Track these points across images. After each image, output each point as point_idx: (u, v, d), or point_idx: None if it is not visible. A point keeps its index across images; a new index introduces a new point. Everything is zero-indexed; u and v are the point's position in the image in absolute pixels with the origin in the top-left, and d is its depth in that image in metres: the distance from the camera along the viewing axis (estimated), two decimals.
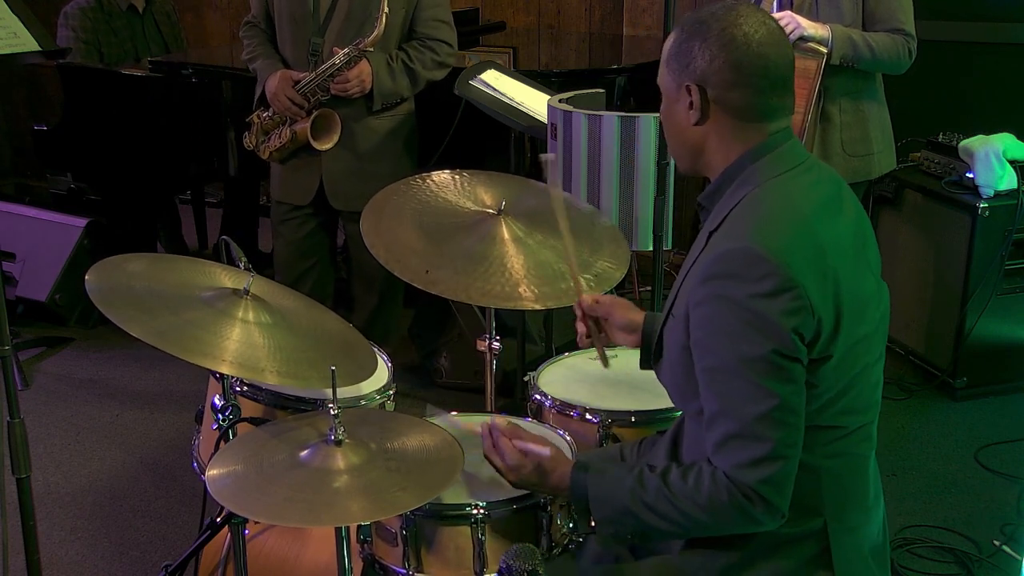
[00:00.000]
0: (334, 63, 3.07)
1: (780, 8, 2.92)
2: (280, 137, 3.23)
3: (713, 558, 1.62)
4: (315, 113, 3.16)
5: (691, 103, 1.59)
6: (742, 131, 1.59)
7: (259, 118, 3.30)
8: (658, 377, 1.74)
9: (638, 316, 1.97)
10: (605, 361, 2.01)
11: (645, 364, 1.94)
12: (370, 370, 2.05)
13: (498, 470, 1.78)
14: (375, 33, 2.99)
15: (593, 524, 1.66)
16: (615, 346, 2.04)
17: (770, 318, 1.46)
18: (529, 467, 1.73)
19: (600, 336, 2.00)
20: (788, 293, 1.46)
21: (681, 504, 1.56)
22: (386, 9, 2.97)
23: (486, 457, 1.80)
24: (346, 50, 3.06)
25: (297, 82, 3.16)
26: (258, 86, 3.32)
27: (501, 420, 1.81)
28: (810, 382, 1.51)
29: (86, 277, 1.89)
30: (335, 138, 3.19)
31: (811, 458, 1.54)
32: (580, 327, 2.01)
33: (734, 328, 1.48)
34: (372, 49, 3.06)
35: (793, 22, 2.82)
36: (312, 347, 1.97)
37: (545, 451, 1.73)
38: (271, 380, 1.83)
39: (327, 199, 3.29)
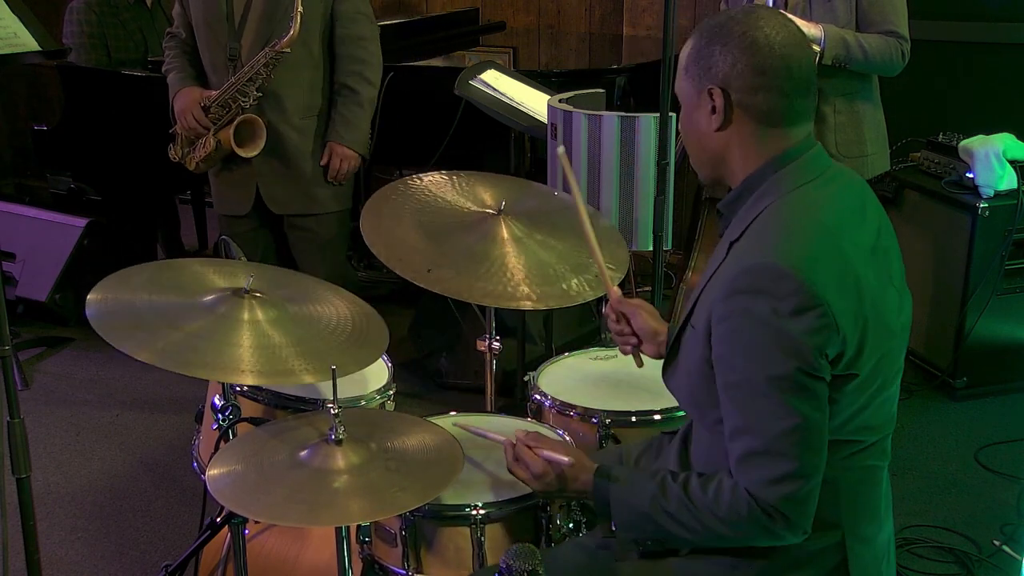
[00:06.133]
0: (254, 67, 2.97)
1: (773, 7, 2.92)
2: (205, 147, 3.12)
3: (732, 573, 1.60)
4: (238, 119, 3.05)
5: (713, 107, 1.56)
6: (765, 137, 1.56)
7: (181, 129, 3.20)
8: (666, 382, 1.72)
9: (661, 327, 1.95)
10: (640, 361, 2.00)
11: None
12: (381, 347, 2.03)
13: (522, 480, 1.78)
14: (291, 33, 2.89)
15: (613, 528, 1.65)
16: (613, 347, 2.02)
17: (794, 336, 1.44)
18: (552, 475, 1.73)
19: (628, 333, 1.97)
20: (813, 311, 1.43)
21: (701, 515, 1.55)
22: (300, 8, 2.86)
23: (510, 471, 1.79)
24: (263, 52, 2.96)
25: (209, 100, 3.07)
26: (171, 99, 3.22)
27: (521, 433, 1.81)
28: (832, 398, 1.49)
29: (86, 303, 1.86)
30: (260, 144, 3.08)
31: (829, 471, 1.53)
32: (611, 319, 1.98)
33: (758, 345, 1.46)
34: (288, 50, 2.93)
35: None
36: (326, 335, 1.96)
37: (566, 459, 1.72)
38: (308, 380, 1.82)
39: (266, 205, 3.19)
